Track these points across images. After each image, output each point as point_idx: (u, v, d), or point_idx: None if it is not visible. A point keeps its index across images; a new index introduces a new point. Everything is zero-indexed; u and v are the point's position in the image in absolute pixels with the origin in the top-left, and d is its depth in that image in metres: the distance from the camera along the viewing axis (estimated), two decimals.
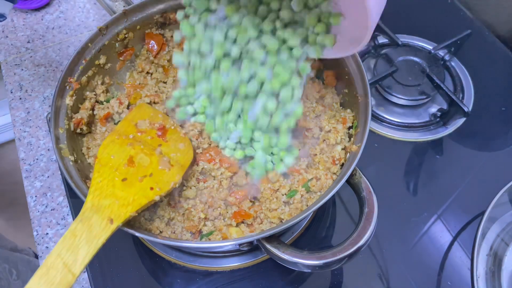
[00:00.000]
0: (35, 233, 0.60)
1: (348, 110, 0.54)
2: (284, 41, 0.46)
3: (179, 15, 0.49)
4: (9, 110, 0.72)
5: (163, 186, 0.46)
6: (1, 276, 0.81)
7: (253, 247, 0.50)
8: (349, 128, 0.53)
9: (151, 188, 0.45)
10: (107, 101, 0.57)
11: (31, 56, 0.78)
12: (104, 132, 0.55)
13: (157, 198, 0.45)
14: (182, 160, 0.50)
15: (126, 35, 0.57)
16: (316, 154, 0.53)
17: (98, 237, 0.40)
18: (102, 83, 0.57)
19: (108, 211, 0.42)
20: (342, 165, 0.51)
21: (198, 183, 0.53)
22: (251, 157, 0.52)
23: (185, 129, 0.54)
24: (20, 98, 0.73)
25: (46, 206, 0.62)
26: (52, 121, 0.49)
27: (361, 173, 0.46)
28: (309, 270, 0.52)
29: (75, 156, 0.49)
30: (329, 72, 0.57)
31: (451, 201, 0.62)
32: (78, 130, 0.52)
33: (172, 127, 0.52)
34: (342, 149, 0.52)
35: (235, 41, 0.47)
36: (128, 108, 0.57)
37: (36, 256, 0.87)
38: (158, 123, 0.52)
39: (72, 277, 0.37)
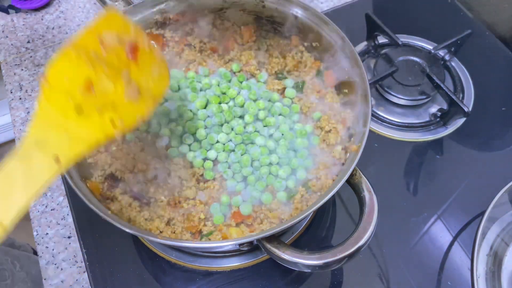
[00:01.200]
0: (35, 233, 0.60)
1: (348, 110, 0.54)
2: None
3: None
4: (9, 110, 0.72)
5: (127, 120, 0.37)
6: (5, 267, 0.81)
7: (253, 247, 0.50)
8: (349, 128, 0.53)
9: (112, 122, 0.37)
10: None
11: (31, 56, 0.77)
12: None
13: (117, 135, 0.37)
14: (155, 89, 0.40)
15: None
16: (316, 154, 0.53)
17: (38, 180, 0.32)
18: None
19: (55, 147, 0.34)
20: (342, 165, 0.51)
21: (198, 183, 0.53)
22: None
23: None
24: (20, 98, 0.73)
25: (46, 206, 0.62)
26: None
27: (361, 173, 0.46)
28: (309, 270, 0.52)
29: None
30: (329, 72, 0.57)
31: (451, 201, 0.62)
32: None
33: (147, 47, 0.41)
34: (342, 149, 0.52)
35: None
36: None
37: (35, 253, 0.87)
38: (129, 40, 0.40)
39: (2, 231, 0.30)
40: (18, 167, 0.32)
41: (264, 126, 0.56)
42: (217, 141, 0.54)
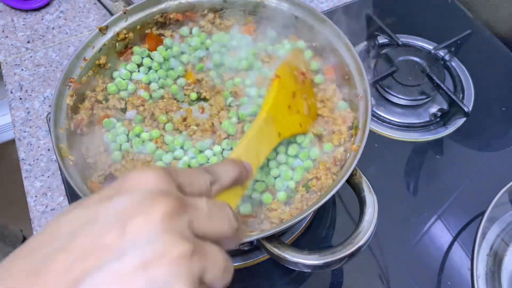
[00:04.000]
0: (35, 233, 0.60)
1: (348, 110, 0.54)
2: None
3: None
4: (9, 110, 0.72)
5: (304, 128, 0.50)
6: None
7: (253, 247, 0.50)
8: (349, 128, 0.53)
9: (299, 124, 0.49)
10: (106, 100, 0.56)
11: (31, 56, 0.78)
12: (103, 132, 0.55)
13: (300, 134, 0.50)
14: (312, 114, 0.52)
15: (126, 35, 0.57)
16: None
17: (270, 143, 0.43)
18: (103, 83, 0.57)
19: (278, 125, 0.45)
20: (343, 165, 0.51)
21: None
22: None
23: None
24: (20, 98, 0.73)
25: (46, 206, 0.62)
26: (52, 121, 0.49)
27: (361, 173, 0.46)
28: (309, 270, 0.52)
29: (75, 156, 0.49)
30: (329, 67, 0.57)
31: (451, 201, 0.62)
32: (78, 131, 0.52)
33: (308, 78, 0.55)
34: (344, 150, 0.52)
35: None
36: (125, 109, 0.57)
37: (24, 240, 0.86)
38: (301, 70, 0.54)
39: (257, 163, 0.41)
40: (265, 128, 0.43)
41: None
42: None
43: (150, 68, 0.58)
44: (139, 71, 0.58)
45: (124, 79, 0.56)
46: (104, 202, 0.23)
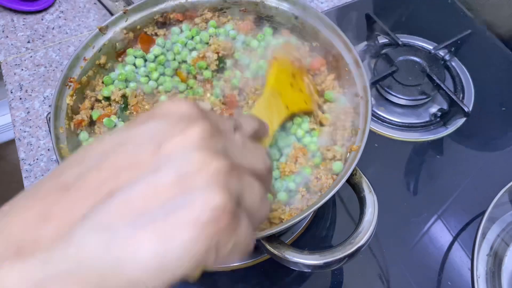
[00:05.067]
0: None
1: (348, 105, 0.54)
2: None
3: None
4: (9, 110, 0.72)
5: (310, 106, 0.51)
6: None
7: (253, 247, 0.50)
8: (352, 124, 0.53)
9: (304, 102, 0.51)
10: (107, 98, 0.56)
11: (31, 56, 0.78)
12: (103, 132, 0.55)
13: (308, 111, 0.51)
14: (314, 97, 0.53)
15: (126, 35, 0.57)
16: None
17: (280, 114, 0.45)
18: (103, 82, 0.57)
19: (284, 99, 0.47)
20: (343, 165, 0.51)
21: None
22: None
23: None
24: (20, 98, 0.73)
25: None
26: (52, 120, 0.49)
27: (361, 173, 0.46)
28: (309, 270, 0.52)
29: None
30: (317, 58, 0.57)
31: (451, 201, 0.62)
32: (78, 131, 0.52)
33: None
34: (345, 152, 0.52)
35: None
36: (125, 109, 0.57)
37: None
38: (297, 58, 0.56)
39: (271, 132, 0.43)
40: (272, 101, 0.45)
41: None
42: None
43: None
44: (137, 73, 0.58)
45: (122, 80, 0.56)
46: (138, 125, 0.23)
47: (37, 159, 0.66)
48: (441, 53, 0.74)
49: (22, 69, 0.76)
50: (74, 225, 0.19)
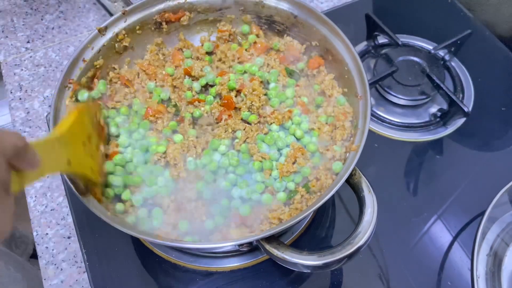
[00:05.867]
0: (35, 233, 0.60)
1: (347, 104, 0.54)
2: None
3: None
4: (9, 110, 0.72)
5: (96, 175, 0.48)
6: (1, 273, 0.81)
7: (253, 248, 0.50)
8: (352, 123, 0.53)
9: (91, 169, 0.47)
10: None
11: (31, 56, 0.78)
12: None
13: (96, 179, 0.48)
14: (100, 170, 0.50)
15: (125, 36, 0.57)
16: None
17: (57, 165, 0.40)
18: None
19: (70, 153, 0.42)
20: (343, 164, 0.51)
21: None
22: None
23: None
24: (20, 98, 0.73)
25: (45, 206, 0.62)
26: (52, 121, 0.49)
27: (360, 173, 0.46)
28: (309, 271, 0.52)
29: None
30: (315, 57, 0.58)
31: (451, 201, 0.62)
32: None
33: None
34: (344, 152, 0.52)
35: None
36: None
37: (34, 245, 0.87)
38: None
39: (39, 173, 0.36)
40: (54, 145, 0.40)
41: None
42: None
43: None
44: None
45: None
46: None
47: None
48: (441, 53, 0.74)
49: (22, 69, 0.76)
50: None
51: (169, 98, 0.57)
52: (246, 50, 0.60)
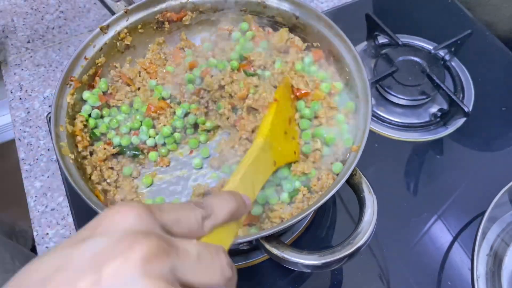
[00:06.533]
0: (35, 233, 0.60)
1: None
2: None
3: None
4: (9, 110, 0.72)
5: (298, 156, 0.48)
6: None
7: (253, 247, 0.50)
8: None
9: (294, 153, 0.47)
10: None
11: (31, 56, 0.78)
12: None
13: (293, 163, 0.47)
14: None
15: (127, 35, 0.57)
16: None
17: (267, 171, 0.40)
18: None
19: (274, 153, 0.43)
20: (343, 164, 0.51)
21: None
22: None
23: None
24: (20, 98, 0.73)
25: (46, 206, 0.62)
26: (52, 119, 0.49)
27: (361, 174, 0.46)
28: (309, 270, 0.52)
29: (75, 154, 0.49)
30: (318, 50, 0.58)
31: (451, 201, 0.62)
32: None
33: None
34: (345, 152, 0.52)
35: None
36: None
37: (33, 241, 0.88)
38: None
39: (253, 195, 0.37)
40: (262, 156, 0.40)
41: None
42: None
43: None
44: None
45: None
46: (77, 245, 0.21)
47: (37, 159, 0.66)
48: (441, 53, 0.74)
49: (22, 69, 0.76)
50: None
51: (170, 95, 0.57)
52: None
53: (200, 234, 0.26)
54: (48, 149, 0.67)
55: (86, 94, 0.54)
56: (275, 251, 0.41)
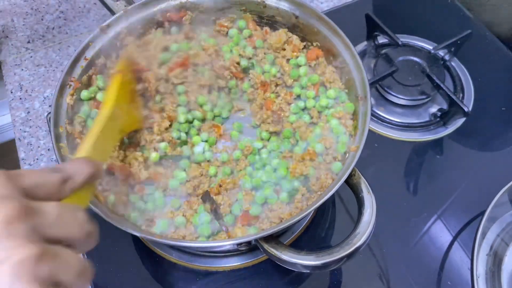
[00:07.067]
0: None
1: (347, 101, 0.54)
2: None
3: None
4: (9, 110, 0.72)
5: (141, 124, 0.52)
6: None
7: (252, 247, 0.50)
8: (352, 120, 0.53)
9: (139, 120, 0.51)
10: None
11: (31, 56, 0.78)
12: None
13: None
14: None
15: (126, 35, 0.57)
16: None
17: (114, 140, 0.45)
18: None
19: (121, 121, 0.46)
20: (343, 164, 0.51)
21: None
22: None
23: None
24: (20, 98, 0.73)
25: None
26: (52, 119, 0.49)
27: (360, 174, 0.46)
28: (308, 271, 0.52)
29: (75, 154, 0.49)
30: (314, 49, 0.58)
31: (451, 201, 0.62)
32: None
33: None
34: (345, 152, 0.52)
35: None
36: None
37: None
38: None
39: (105, 161, 0.43)
40: (108, 125, 0.42)
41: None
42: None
43: None
44: None
45: None
46: None
47: (37, 159, 0.66)
48: (441, 53, 0.74)
49: (22, 69, 0.76)
50: None
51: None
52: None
53: (60, 196, 0.28)
54: (48, 149, 0.67)
55: (84, 94, 0.54)
56: (274, 251, 0.41)
